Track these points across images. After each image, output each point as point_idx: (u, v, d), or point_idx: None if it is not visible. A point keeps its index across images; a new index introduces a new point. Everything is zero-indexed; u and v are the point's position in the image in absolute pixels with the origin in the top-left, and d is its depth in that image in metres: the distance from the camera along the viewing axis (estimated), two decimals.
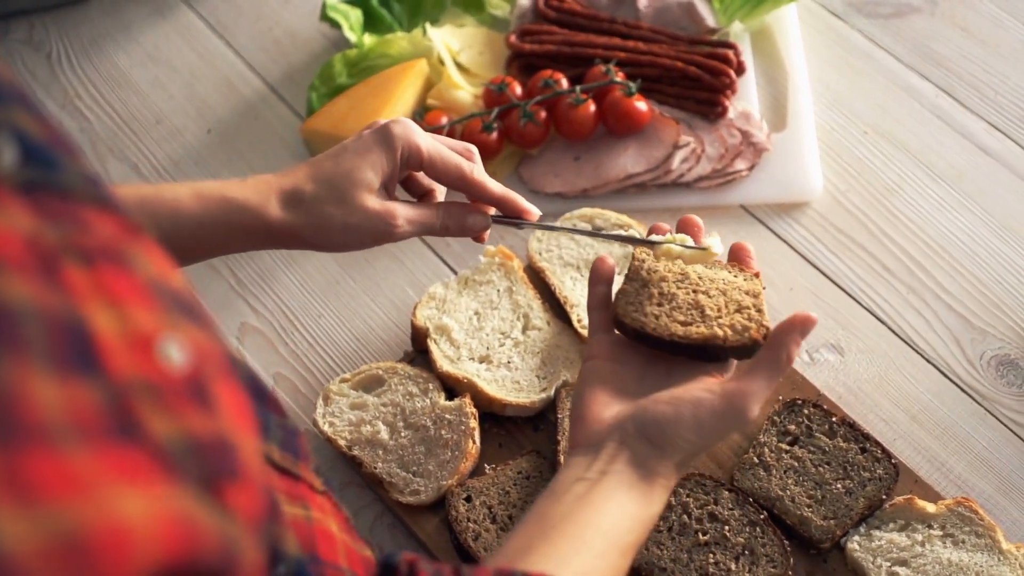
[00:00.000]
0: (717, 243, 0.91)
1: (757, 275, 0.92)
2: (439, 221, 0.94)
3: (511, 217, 0.96)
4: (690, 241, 0.91)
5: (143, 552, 0.33)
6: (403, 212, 0.92)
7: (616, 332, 0.90)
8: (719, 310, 0.87)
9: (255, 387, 0.65)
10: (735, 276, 0.90)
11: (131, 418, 0.36)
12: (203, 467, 0.38)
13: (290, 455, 0.66)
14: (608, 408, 0.83)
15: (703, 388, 0.82)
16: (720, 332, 0.85)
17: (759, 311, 0.87)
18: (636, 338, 0.87)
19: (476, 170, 0.92)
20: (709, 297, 0.88)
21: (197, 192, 0.89)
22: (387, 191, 0.92)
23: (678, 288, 0.89)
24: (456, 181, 0.92)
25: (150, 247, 0.43)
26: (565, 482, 0.79)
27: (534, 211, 0.96)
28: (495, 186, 0.93)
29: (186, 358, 0.39)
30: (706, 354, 0.86)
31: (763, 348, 0.84)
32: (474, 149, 0.96)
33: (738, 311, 0.87)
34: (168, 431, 0.37)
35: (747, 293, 0.89)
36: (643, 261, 0.91)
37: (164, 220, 0.87)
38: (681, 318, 0.86)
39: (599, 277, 0.91)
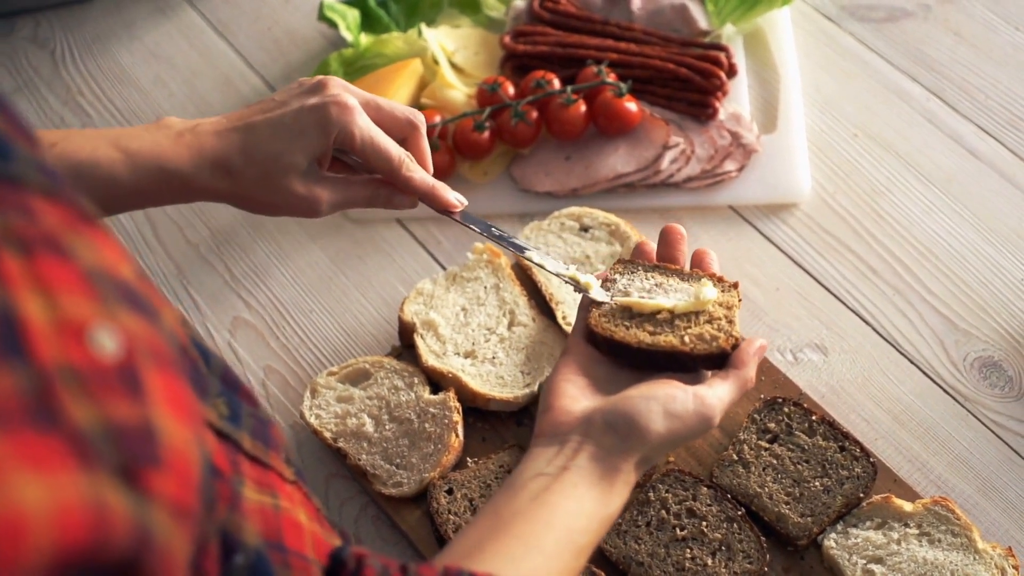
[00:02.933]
0: (711, 291, 0.90)
1: (735, 286, 0.93)
2: (365, 199, 0.96)
3: (437, 210, 0.97)
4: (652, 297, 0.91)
5: (38, 539, 0.34)
6: (327, 197, 0.94)
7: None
8: (690, 322, 0.88)
9: (226, 378, 0.67)
10: (712, 288, 0.92)
11: (51, 404, 0.36)
12: (122, 453, 0.38)
13: (261, 444, 0.67)
14: (577, 402, 0.84)
15: (674, 387, 0.83)
16: (688, 340, 0.86)
17: (730, 322, 0.88)
18: (608, 349, 0.89)
19: (405, 165, 0.93)
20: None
21: (131, 159, 0.90)
22: (319, 164, 0.94)
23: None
24: (385, 173, 0.94)
25: (99, 237, 0.44)
26: (524, 477, 0.79)
27: (459, 203, 0.97)
28: (420, 182, 0.94)
29: (118, 346, 0.40)
30: (675, 363, 0.87)
31: (733, 362, 0.86)
32: (418, 119, 0.97)
33: (708, 322, 0.88)
34: (88, 417, 0.37)
35: (720, 305, 0.90)
36: (620, 275, 0.93)
37: (100, 188, 0.90)
38: (651, 328, 0.88)
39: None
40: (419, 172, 0.94)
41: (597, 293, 0.91)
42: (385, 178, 0.95)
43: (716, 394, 0.84)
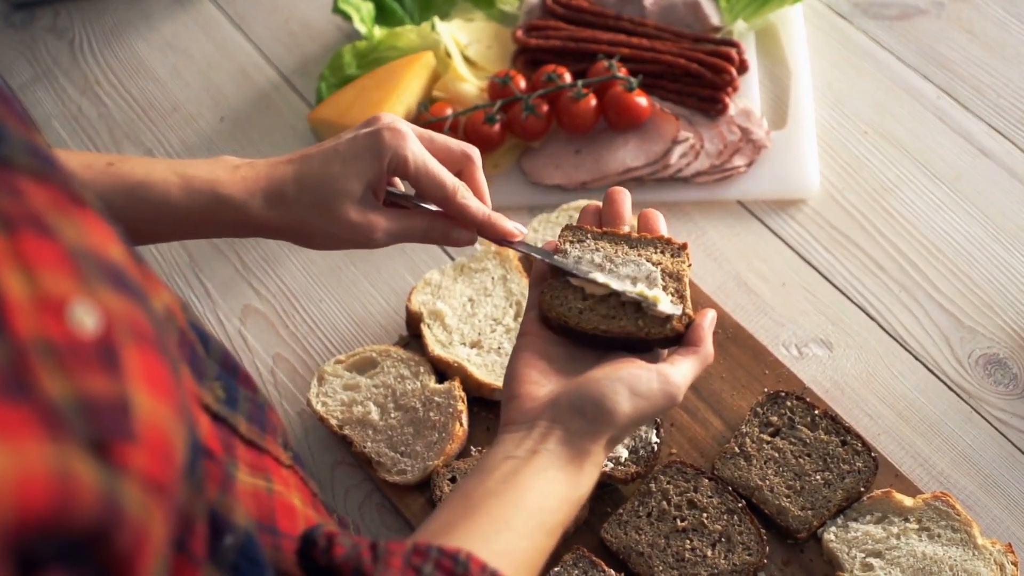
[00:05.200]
0: (667, 304, 0.87)
1: (684, 247, 0.90)
2: (422, 231, 0.93)
3: (496, 240, 0.93)
4: (665, 303, 0.87)
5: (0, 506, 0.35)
6: (383, 225, 0.91)
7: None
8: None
9: (225, 362, 0.68)
10: (661, 254, 0.89)
11: (25, 376, 0.37)
12: (94, 426, 0.39)
13: (257, 428, 0.68)
14: (541, 386, 0.83)
15: (637, 366, 0.83)
16: (643, 324, 0.86)
17: (681, 298, 0.87)
18: (562, 333, 0.87)
19: (459, 193, 0.90)
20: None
21: (187, 183, 0.90)
22: (374, 194, 0.91)
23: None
24: (439, 201, 0.91)
25: (89, 218, 0.44)
26: (494, 459, 0.79)
27: (518, 231, 0.93)
28: (477, 211, 0.91)
29: (97, 322, 0.40)
30: (631, 346, 0.87)
31: (691, 340, 0.85)
32: (474, 153, 0.94)
33: None
34: (62, 390, 0.38)
35: (671, 276, 0.88)
36: (570, 245, 0.90)
37: (151, 210, 0.89)
38: (604, 311, 0.86)
39: (547, 254, 0.91)
40: (475, 201, 0.91)
41: (665, 306, 0.89)
42: (440, 207, 0.92)
43: (680, 372, 0.83)
